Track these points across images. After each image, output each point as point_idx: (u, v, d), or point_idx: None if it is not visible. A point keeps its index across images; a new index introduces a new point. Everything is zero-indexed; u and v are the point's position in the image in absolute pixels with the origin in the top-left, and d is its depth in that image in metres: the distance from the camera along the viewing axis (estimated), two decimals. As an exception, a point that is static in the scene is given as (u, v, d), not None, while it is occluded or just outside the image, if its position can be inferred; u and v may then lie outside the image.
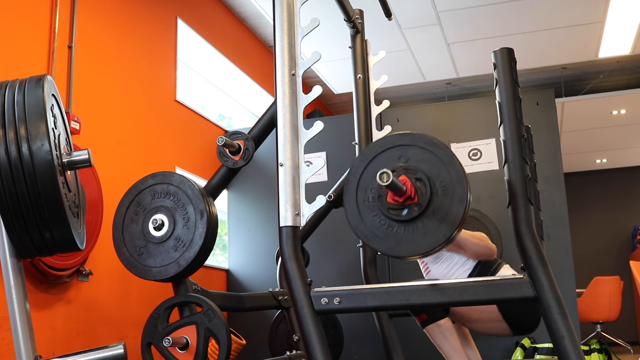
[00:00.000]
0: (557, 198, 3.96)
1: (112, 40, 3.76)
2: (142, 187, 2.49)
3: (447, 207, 1.65)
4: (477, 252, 2.73)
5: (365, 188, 1.75)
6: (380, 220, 1.71)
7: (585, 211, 9.52)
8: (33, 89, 1.95)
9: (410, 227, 1.68)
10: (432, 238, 1.66)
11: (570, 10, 5.30)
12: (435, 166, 1.67)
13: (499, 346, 3.89)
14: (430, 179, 1.67)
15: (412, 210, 1.66)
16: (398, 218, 1.68)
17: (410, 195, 1.65)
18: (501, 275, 2.78)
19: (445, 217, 1.65)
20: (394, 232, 1.69)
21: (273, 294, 3.03)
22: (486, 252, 2.73)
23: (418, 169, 1.68)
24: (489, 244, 2.76)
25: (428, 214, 1.66)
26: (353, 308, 1.80)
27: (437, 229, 1.65)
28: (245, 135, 2.54)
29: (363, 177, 1.76)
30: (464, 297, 1.75)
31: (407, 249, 1.69)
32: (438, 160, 1.68)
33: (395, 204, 1.68)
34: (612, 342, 6.88)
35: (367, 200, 1.73)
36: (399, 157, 1.70)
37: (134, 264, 2.42)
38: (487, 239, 2.77)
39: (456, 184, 1.66)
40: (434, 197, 1.66)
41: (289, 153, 1.90)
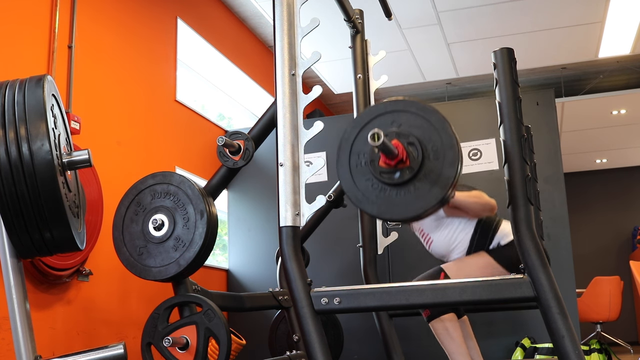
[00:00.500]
0: (557, 198, 3.96)
1: (112, 40, 3.76)
2: (142, 187, 2.49)
3: (439, 170, 1.67)
4: (477, 210, 2.71)
5: (357, 153, 1.77)
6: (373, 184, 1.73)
7: (585, 211, 9.52)
8: (33, 89, 1.95)
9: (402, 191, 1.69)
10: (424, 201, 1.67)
11: (570, 10, 5.30)
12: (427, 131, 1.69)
13: (499, 346, 3.89)
14: (422, 143, 1.69)
15: (404, 173, 1.68)
16: (390, 181, 1.70)
17: (402, 158, 1.67)
18: (502, 230, 2.77)
19: (437, 180, 1.67)
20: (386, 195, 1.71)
21: (273, 294, 3.03)
22: (487, 207, 2.71)
23: (410, 134, 1.70)
24: (488, 199, 2.73)
25: (420, 177, 1.68)
26: (353, 308, 1.80)
27: (429, 191, 1.67)
28: (245, 135, 2.54)
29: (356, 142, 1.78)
30: (463, 297, 1.75)
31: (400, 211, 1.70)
32: (430, 126, 1.70)
33: (387, 168, 1.70)
34: (612, 342, 6.88)
35: (359, 165, 1.75)
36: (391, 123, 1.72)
37: (134, 264, 2.42)
38: (484, 195, 2.74)
39: (447, 148, 1.68)
40: (425, 161, 1.68)
41: (289, 153, 1.90)
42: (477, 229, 2.75)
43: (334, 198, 3.38)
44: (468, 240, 2.76)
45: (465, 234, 2.76)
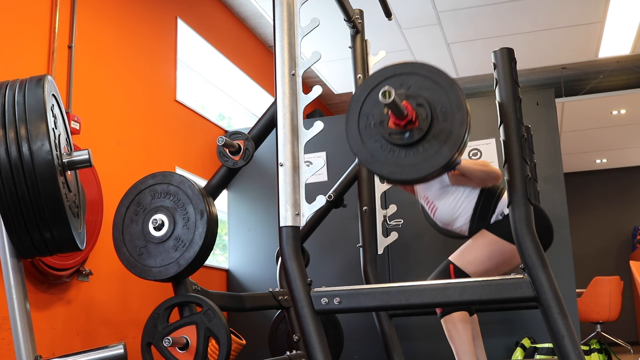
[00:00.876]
0: (557, 198, 3.96)
1: (112, 40, 3.76)
2: (142, 187, 2.49)
3: (448, 131, 1.69)
4: (483, 178, 2.70)
5: (367, 115, 1.78)
6: (382, 145, 1.74)
7: (585, 211, 9.52)
8: (33, 89, 1.95)
9: (411, 151, 1.71)
10: (433, 161, 1.69)
11: (570, 10, 5.30)
12: (435, 93, 1.71)
13: (499, 346, 3.89)
14: (431, 105, 1.70)
15: (413, 134, 1.70)
16: (399, 142, 1.71)
17: (412, 119, 1.68)
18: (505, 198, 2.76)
19: (446, 141, 1.68)
20: (395, 156, 1.72)
21: (273, 294, 3.04)
22: (492, 176, 2.70)
23: (419, 95, 1.71)
24: (493, 168, 2.74)
25: (429, 138, 1.70)
26: (353, 308, 1.81)
27: (437, 152, 1.68)
28: (245, 135, 2.54)
29: (365, 104, 1.79)
30: (463, 297, 1.75)
31: (409, 172, 1.71)
32: (439, 87, 1.71)
33: (396, 129, 1.71)
34: (612, 342, 6.88)
35: (368, 127, 1.76)
36: (400, 85, 1.73)
37: (134, 264, 2.42)
38: (490, 164, 2.75)
39: (456, 109, 1.70)
40: (434, 122, 1.70)
41: (289, 153, 1.90)
42: (481, 196, 2.75)
43: (334, 198, 3.38)
44: (472, 207, 2.75)
45: (470, 201, 2.76)
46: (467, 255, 2.70)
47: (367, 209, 3.33)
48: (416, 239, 4.15)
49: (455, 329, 2.65)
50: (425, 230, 4.13)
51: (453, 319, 2.65)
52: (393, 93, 1.58)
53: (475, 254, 2.68)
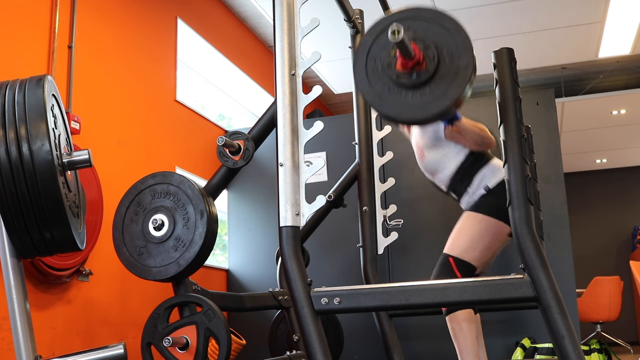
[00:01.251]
0: (557, 198, 3.96)
1: (112, 40, 3.76)
2: (142, 187, 2.49)
3: (454, 73, 1.72)
4: (477, 141, 2.72)
5: (374, 58, 1.81)
6: (389, 87, 1.77)
7: (585, 211, 9.52)
8: (33, 89, 1.95)
9: (418, 92, 1.74)
10: (439, 102, 1.72)
11: (570, 10, 5.30)
12: (442, 36, 1.74)
13: (499, 346, 3.89)
14: (437, 47, 1.74)
15: (420, 75, 1.73)
16: (407, 83, 1.74)
17: (419, 60, 1.71)
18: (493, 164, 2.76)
19: (452, 83, 1.71)
20: (402, 97, 1.75)
21: (273, 294, 3.04)
22: (486, 141, 2.73)
23: (426, 38, 1.75)
24: (489, 134, 2.75)
25: (435, 80, 1.73)
26: (353, 308, 1.81)
27: (444, 93, 1.71)
28: (245, 135, 2.54)
29: (373, 48, 1.82)
30: (463, 297, 1.75)
31: (415, 113, 1.75)
32: (445, 31, 1.75)
33: (403, 71, 1.74)
34: (612, 342, 6.88)
35: (376, 70, 1.79)
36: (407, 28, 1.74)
37: (134, 264, 2.43)
38: (487, 130, 2.76)
39: (462, 51, 1.73)
40: (441, 64, 1.73)
41: (289, 153, 1.90)
42: (468, 158, 2.77)
43: (334, 198, 3.38)
44: (456, 166, 2.78)
45: (456, 159, 2.78)
46: (460, 243, 2.69)
47: (367, 209, 3.33)
48: (416, 239, 4.15)
49: (459, 328, 2.65)
50: (425, 230, 4.13)
51: (458, 317, 2.65)
52: (402, 31, 1.60)
53: (466, 239, 2.68)
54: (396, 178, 3.53)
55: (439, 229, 4.18)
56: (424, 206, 4.17)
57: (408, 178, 4.23)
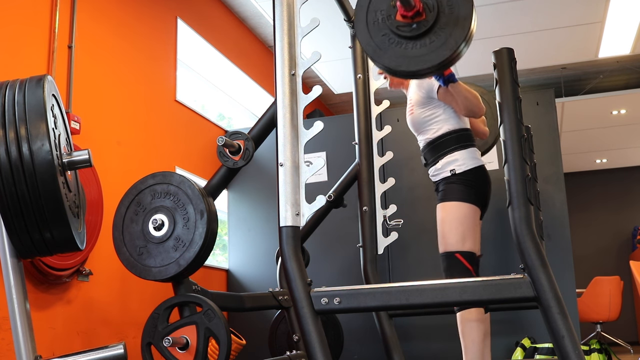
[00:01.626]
0: (557, 198, 3.96)
1: (112, 40, 3.76)
2: (142, 187, 2.49)
3: (454, 23, 1.73)
4: (467, 107, 2.70)
5: (375, 10, 1.82)
6: (390, 38, 1.79)
7: (585, 211, 9.52)
8: (33, 89, 1.95)
9: (418, 43, 1.76)
10: (439, 52, 1.73)
11: (570, 10, 5.30)
12: None
13: (499, 346, 3.89)
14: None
15: (420, 26, 1.74)
16: (407, 34, 1.75)
17: (419, 10, 1.73)
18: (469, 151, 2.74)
19: (452, 33, 1.73)
20: (402, 48, 1.77)
21: (273, 294, 3.04)
22: (475, 109, 2.70)
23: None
24: (481, 102, 2.73)
25: (435, 30, 1.74)
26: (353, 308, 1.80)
27: (444, 44, 1.73)
28: (245, 135, 2.54)
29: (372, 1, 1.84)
30: (463, 297, 1.75)
31: (415, 63, 1.76)
32: None
33: (404, 22, 1.75)
34: (612, 342, 6.87)
35: (376, 22, 1.80)
36: None
37: (134, 264, 2.43)
38: (480, 99, 2.74)
39: (462, 2, 1.75)
40: (441, 14, 1.74)
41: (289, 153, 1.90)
42: (451, 133, 2.76)
43: (334, 198, 3.38)
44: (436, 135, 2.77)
45: (440, 127, 2.78)
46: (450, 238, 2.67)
47: (367, 209, 3.33)
48: (416, 239, 4.15)
49: (469, 326, 2.62)
50: (426, 230, 4.13)
51: (468, 315, 2.62)
52: None
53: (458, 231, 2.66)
54: (396, 178, 3.53)
55: (439, 229, 4.18)
56: (424, 206, 4.17)
57: (408, 178, 4.23)
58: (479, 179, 2.72)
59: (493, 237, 4.02)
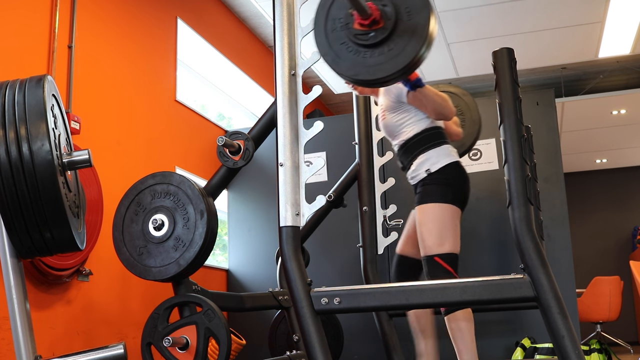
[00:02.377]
0: (557, 198, 3.96)
1: (112, 40, 3.76)
2: (142, 187, 2.49)
3: (412, 31, 1.71)
4: (437, 111, 2.70)
5: (333, 19, 1.81)
6: (348, 47, 1.77)
7: (585, 211, 9.52)
8: (33, 89, 1.95)
9: (376, 51, 1.74)
10: (398, 60, 1.71)
11: (570, 10, 5.30)
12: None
13: (499, 346, 3.89)
14: (395, 5, 1.73)
15: (378, 34, 1.72)
16: (365, 42, 1.73)
17: (376, 18, 1.71)
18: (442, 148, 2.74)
19: (410, 40, 1.70)
20: (360, 57, 1.75)
21: (273, 294, 3.04)
22: (445, 111, 2.71)
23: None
24: (451, 105, 2.74)
25: (394, 38, 1.72)
26: (353, 308, 1.80)
27: (402, 51, 1.71)
28: (245, 135, 2.54)
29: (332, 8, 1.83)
30: (463, 297, 1.75)
31: (374, 72, 1.74)
32: None
33: (362, 30, 1.73)
34: (612, 342, 6.87)
35: (335, 30, 1.79)
36: None
37: (134, 264, 2.42)
38: (450, 102, 2.75)
39: (420, 7, 1.72)
40: (399, 22, 1.72)
41: (289, 153, 1.90)
42: (423, 132, 2.76)
43: (334, 198, 3.38)
44: (409, 136, 2.77)
45: (412, 129, 2.78)
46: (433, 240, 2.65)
47: (367, 209, 3.33)
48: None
49: (458, 328, 2.64)
50: (425, 230, 4.13)
51: (457, 317, 2.64)
52: None
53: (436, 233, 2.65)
54: (396, 178, 3.53)
55: (439, 229, 4.18)
56: (424, 206, 4.16)
57: (408, 178, 4.23)
58: (455, 176, 2.70)
59: (493, 237, 4.02)
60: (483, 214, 4.03)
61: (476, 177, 4.09)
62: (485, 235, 4.05)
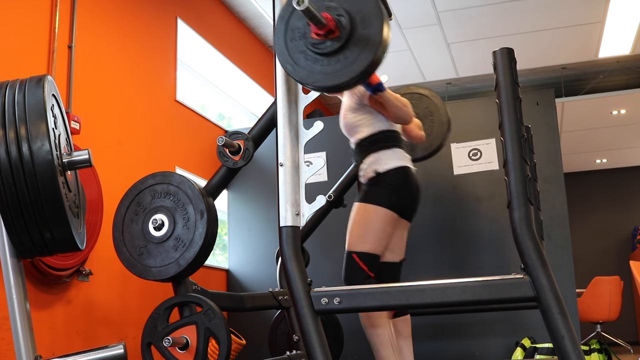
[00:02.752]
0: (557, 198, 3.96)
1: (112, 40, 3.76)
2: (142, 187, 2.49)
3: (366, 39, 1.79)
4: (396, 115, 2.75)
5: (292, 29, 1.89)
6: (306, 56, 1.85)
7: (585, 211, 9.52)
8: (33, 89, 1.95)
9: (333, 60, 1.82)
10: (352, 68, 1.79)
11: (570, 10, 5.30)
12: (355, 4, 1.83)
13: (499, 346, 3.89)
14: (350, 15, 1.81)
15: (334, 43, 1.80)
16: (321, 51, 1.82)
17: (331, 28, 1.79)
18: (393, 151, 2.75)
19: (365, 48, 1.78)
20: (318, 65, 1.83)
21: (273, 294, 3.04)
22: (404, 116, 2.77)
23: (339, 7, 1.83)
24: (410, 110, 2.80)
25: (350, 46, 1.80)
26: (353, 308, 1.81)
27: (356, 59, 1.79)
28: (245, 135, 2.54)
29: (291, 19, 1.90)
30: (463, 297, 1.75)
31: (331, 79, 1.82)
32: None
33: (318, 39, 1.81)
34: (612, 342, 6.87)
35: (294, 39, 1.87)
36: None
37: (134, 264, 2.43)
38: (410, 107, 2.80)
39: (374, 16, 1.80)
40: (355, 31, 1.80)
41: (289, 153, 1.90)
42: (376, 135, 2.79)
43: (334, 198, 3.38)
44: (363, 136, 2.80)
45: (368, 129, 2.81)
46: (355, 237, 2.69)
47: (367, 209, 3.33)
48: (416, 239, 4.14)
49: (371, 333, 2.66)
50: (425, 230, 4.13)
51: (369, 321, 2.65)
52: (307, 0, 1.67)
53: (358, 231, 2.68)
54: (396, 178, 3.52)
55: (438, 229, 4.18)
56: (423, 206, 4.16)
57: (408, 178, 4.22)
58: (401, 181, 2.72)
59: (493, 237, 4.02)
60: (483, 214, 4.03)
61: (476, 177, 4.10)
62: (485, 235, 4.05)
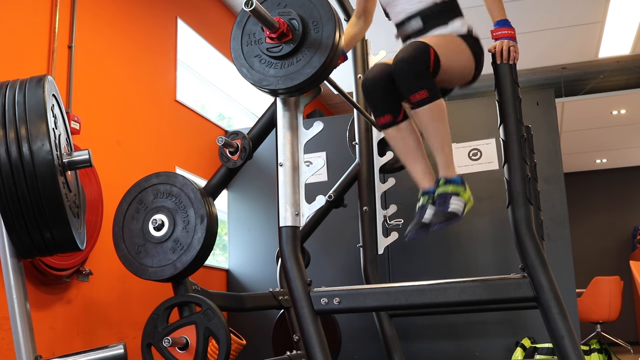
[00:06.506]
0: (557, 198, 3.96)
1: (112, 40, 3.76)
2: (145, 185, 2.49)
3: (319, 42, 1.85)
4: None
5: (248, 34, 1.99)
6: (261, 59, 1.93)
7: (585, 211, 9.51)
8: (33, 89, 1.95)
9: (286, 63, 1.88)
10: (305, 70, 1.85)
11: (570, 10, 5.30)
12: (308, 8, 1.89)
13: (499, 346, 3.89)
14: (303, 19, 1.88)
15: (287, 46, 1.87)
16: (275, 55, 1.88)
17: (284, 31, 1.84)
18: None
19: (316, 52, 1.84)
20: (272, 68, 1.90)
21: (273, 294, 3.04)
22: None
23: (292, 12, 1.89)
24: None
25: (302, 50, 1.87)
26: (353, 308, 1.81)
27: (308, 62, 1.84)
28: (242, 135, 2.55)
29: (247, 24, 1.99)
30: (463, 297, 1.75)
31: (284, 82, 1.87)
32: (311, 4, 1.90)
33: (272, 43, 1.88)
34: (612, 342, 6.87)
35: (250, 44, 1.97)
36: (277, 4, 1.92)
37: (131, 262, 2.42)
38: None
39: (326, 21, 1.86)
40: (307, 35, 1.87)
41: (289, 153, 1.90)
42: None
43: (334, 198, 3.38)
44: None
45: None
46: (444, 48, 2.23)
47: (367, 209, 3.33)
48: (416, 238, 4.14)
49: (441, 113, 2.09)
50: (425, 230, 4.12)
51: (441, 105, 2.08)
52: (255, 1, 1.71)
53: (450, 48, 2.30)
54: (396, 178, 3.53)
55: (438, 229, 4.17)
56: (424, 206, 4.17)
57: (408, 178, 4.20)
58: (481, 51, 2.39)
59: (493, 237, 4.02)
60: (483, 214, 4.03)
61: (476, 177, 4.09)
62: (485, 235, 4.05)
